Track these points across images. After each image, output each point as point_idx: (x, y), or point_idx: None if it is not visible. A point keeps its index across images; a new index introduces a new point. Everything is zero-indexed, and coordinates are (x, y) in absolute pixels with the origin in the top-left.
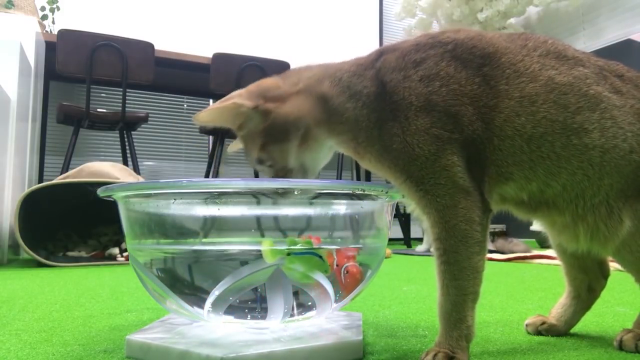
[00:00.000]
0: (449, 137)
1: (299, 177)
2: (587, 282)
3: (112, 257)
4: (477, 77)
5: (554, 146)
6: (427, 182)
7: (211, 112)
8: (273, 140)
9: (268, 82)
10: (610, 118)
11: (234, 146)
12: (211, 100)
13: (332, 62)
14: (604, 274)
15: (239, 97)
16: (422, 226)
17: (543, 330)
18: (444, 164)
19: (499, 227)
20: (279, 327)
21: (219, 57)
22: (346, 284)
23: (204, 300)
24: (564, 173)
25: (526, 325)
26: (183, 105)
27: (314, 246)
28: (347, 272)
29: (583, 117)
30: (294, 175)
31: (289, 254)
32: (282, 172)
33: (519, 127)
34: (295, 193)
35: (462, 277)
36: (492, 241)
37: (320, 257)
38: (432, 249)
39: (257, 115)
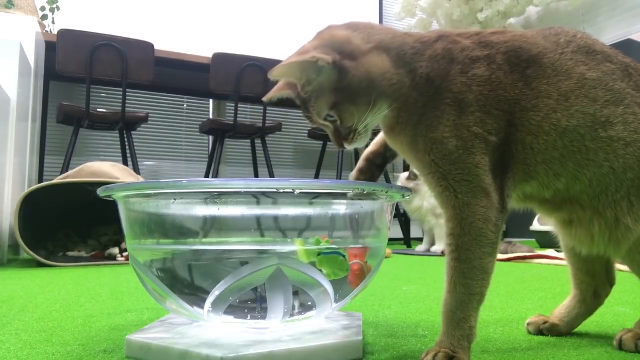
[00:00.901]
0: (486, 138)
1: (361, 138)
2: (594, 287)
3: (112, 257)
4: (521, 81)
5: (585, 139)
6: (452, 178)
7: (287, 66)
8: (346, 100)
9: (341, 35)
10: (633, 114)
11: (271, 94)
12: (211, 101)
13: (395, 30)
14: (610, 280)
15: (316, 51)
16: (423, 227)
17: (545, 329)
18: (476, 162)
19: None
20: (279, 327)
21: (219, 57)
22: (350, 281)
23: (204, 300)
24: (592, 166)
25: (527, 324)
26: (183, 105)
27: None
28: (349, 269)
29: (609, 111)
30: (357, 135)
31: (319, 254)
32: (347, 131)
33: (555, 122)
34: (295, 193)
35: (471, 276)
36: None
37: (344, 256)
38: (433, 248)
39: (332, 71)
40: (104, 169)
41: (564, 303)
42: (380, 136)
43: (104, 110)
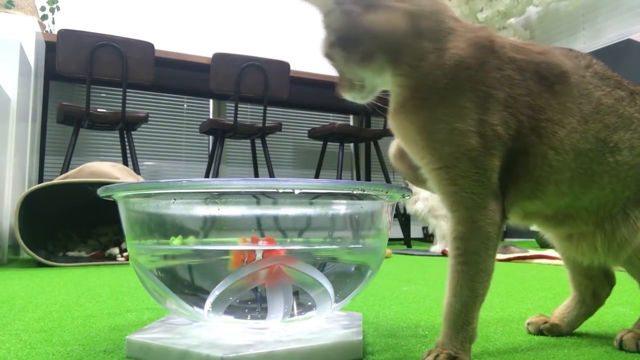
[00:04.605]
0: (504, 142)
1: (354, 91)
2: (592, 288)
3: (112, 257)
4: (547, 92)
5: (592, 162)
6: (470, 177)
7: None
8: (339, 44)
9: None
10: (639, 138)
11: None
12: (211, 101)
13: (446, 8)
14: (610, 281)
15: None
16: (432, 228)
17: (545, 329)
18: (493, 164)
19: None
20: (279, 327)
21: (219, 57)
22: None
23: (204, 300)
24: (595, 188)
25: (528, 324)
26: (183, 105)
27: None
28: None
29: (618, 136)
30: (352, 87)
31: None
32: (341, 77)
33: (575, 142)
34: (296, 193)
35: (477, 279)
36: None
37: None
38: (432, 248)
39: (339, 12)
40: (104, 169)
41: (564, 303)
42: None
43: (104, 110)
